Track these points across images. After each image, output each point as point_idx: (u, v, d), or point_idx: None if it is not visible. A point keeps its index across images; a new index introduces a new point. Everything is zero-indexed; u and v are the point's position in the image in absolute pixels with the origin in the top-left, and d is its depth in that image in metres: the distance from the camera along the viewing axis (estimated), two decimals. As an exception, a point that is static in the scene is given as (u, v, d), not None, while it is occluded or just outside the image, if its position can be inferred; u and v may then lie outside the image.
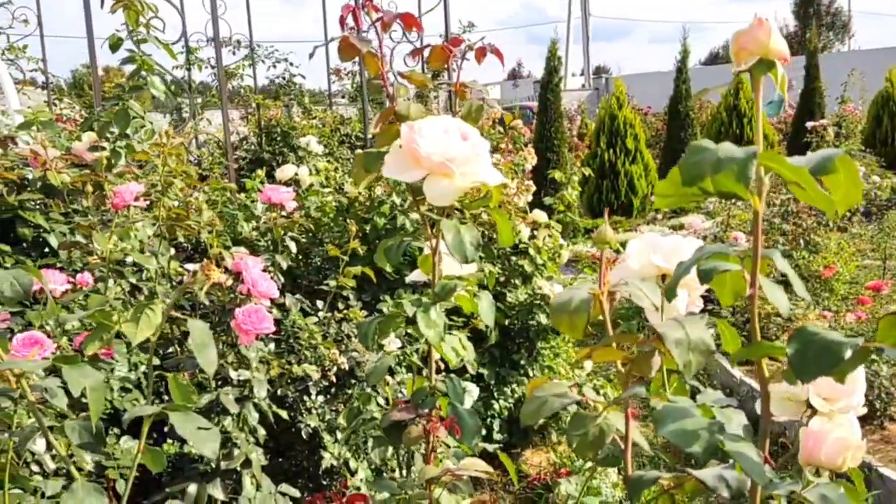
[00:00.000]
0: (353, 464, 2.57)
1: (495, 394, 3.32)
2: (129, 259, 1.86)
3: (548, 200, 3.86)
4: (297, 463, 2.80)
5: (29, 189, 2.38)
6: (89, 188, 1.92)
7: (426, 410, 1.04)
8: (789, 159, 0.60)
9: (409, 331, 2.32)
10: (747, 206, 0.81)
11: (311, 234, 3.11)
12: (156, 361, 1.96)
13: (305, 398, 2.59)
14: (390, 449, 1.26)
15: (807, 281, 4.57)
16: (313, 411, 2.62)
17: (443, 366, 2.88)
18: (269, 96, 7.09)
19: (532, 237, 3.53)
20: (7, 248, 2.28)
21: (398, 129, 1.04)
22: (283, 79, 6.96)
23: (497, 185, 1.09)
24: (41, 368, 0.76)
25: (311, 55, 6.29)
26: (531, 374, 3.39)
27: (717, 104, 11.08)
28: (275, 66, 6.72)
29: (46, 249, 2.39)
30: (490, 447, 1.17)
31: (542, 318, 3.27)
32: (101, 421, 0.82)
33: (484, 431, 3.33)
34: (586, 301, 0.81)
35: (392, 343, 2.48)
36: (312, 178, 3.18)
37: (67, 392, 1.78)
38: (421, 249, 1.23)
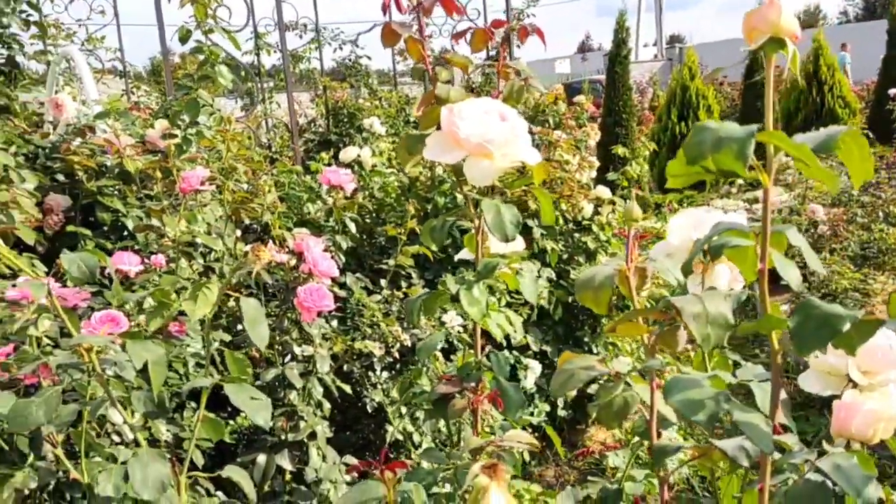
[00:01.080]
0: (416, 437, 2.63)
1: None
2: (199, 241, 1.95)
3: (611, 176, 3.83)
4: (363, 437, 2.89)
5: (107, 175, 2.51)
6: (158, 174, 2.02)
7: (472, 384, 1.07)
8: (797, 136, 0.61)
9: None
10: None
11: (374, 215, 3.17)
12: (227, 337, 2.06)
13: (370, 374, 2.66)
14: (442, 422, 1.30)
15: (885, 254, 4.40)
16: (378, 386, 2.69)
17: (504, 342, 2.92)
18: (337, 78, 7.19)
19: (596, 213, 3.51)
20: (88, 231, 2.42)
21: (438, 112, 1.07)
22: (350, 60, 7.04)
23: (538, 165, 1.11)
24: (109, 343, 0.83)
25: (368, 31, 6.33)
26: (594, 350, 3.39)
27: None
28: (341, 48, 6.79)
29: (125, 233, 2.52)
30: (534, 420, 1.19)
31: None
32: (166, 392, 0.88)
33: (548, 408, 3.36)
34: (610, 277, 0.83)
35: (453, 320, 2.52)
36: (375, 160, 3.24)
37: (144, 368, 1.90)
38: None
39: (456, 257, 1.42)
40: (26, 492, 1.32)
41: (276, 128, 6.07)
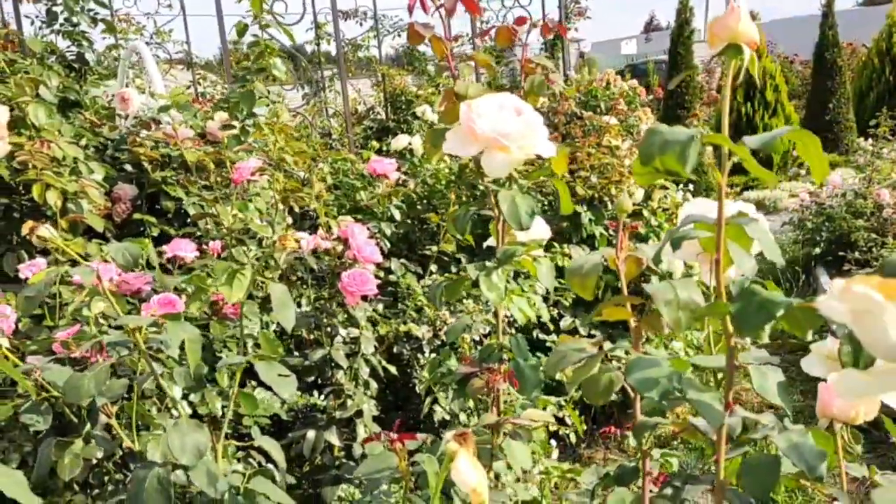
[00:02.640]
0: (462, 417, 2.71)
1: (607, 355, 3.36)
2: (252, 228, 2.06)
3: (664, 161, 3.80)
4: (414, 416, 2.99)
5: (170, 166, 2.66)
6: (211, 165, 2.13)
7: (491, 365, 1.13)
8: (745, 138, 0.64)
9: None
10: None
11: (425, 201, 3.25)
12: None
13: (419, 355, 2.75)
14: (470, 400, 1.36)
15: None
16: (427, 367, 2.78)
17: (552, 326, 2.96)
18: (397, 65, 7.27)
19: (648, 199, 3.51)
20: (153, 219, 2.57)
21: (460, 108, 1.13)
22: (408, 47, 7.12)
23: (559, 156, 1.16)
24: (151, 323, 0.93)
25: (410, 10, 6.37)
26: (644, 335, 3.39)
27: (869, 49, 10.23)
28: (399, 36, 6.87)
29: (188, 219, 2.66)
30: (553, 399, 1.23)
31: (655, 280, 3.26)
32: (202, 367, 0.98)
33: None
34: (597, 265, 0.88)
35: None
36: (425, 147, 3.31)
37: (206, 347, 2.02)
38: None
39: (485, 244, 1.48)
40: (94, 461, 1.45)
41: (336, 116, 6.20)
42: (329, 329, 2.00)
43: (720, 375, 0.92)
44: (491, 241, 1.40)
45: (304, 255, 1.84)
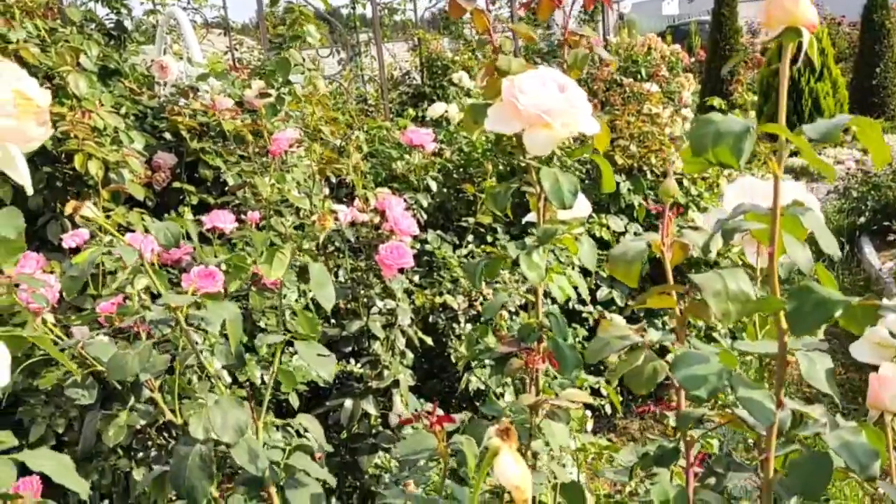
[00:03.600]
0: (497, 388, 2.72)
1: (646, 326, 3.33)
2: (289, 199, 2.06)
3: (706, 129, 3.71)
4: (449, 385, 3.01)
5: (209, 134, 2.67)
6: (250, 136, 2.13)
7: (530, 344, 1.13)
8: (807, 127, 0.61)
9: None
10: None
11: (461, 170, 3.23)
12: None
13: (455, 325, 2.76)
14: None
15: None
16: (462, 338, 2.79)
17: (588, 297, 2.94)
18: (431, 29, 7.18)
19: (688, 167, 3.44)
20: (192, 187, 2.59)
21: (501, 83, 1.10)
22: (445, 10, 7.01)
23: (601, 133, 1.13)
24: (192, 302, 0.93)
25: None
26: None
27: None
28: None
29: (226, 188, 2.68)
30: (593, 379, 1.21)
31: (695, 252, 3.20)
32: (242, 345, 0.98)
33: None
34: (641, 251, 0.86)
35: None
36: (462, 115, 3.28)
37: (245, 317, 2.05)
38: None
39: (524, 220, 1.46)
40: (137, 427, 1.49)
41: (371, 81, 6.16)
42: (366, 300, 2.01)
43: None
44: (530, 217, 1.38)
45: (342, 228, 1.84)
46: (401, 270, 1.97)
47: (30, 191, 0.68)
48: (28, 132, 0.67)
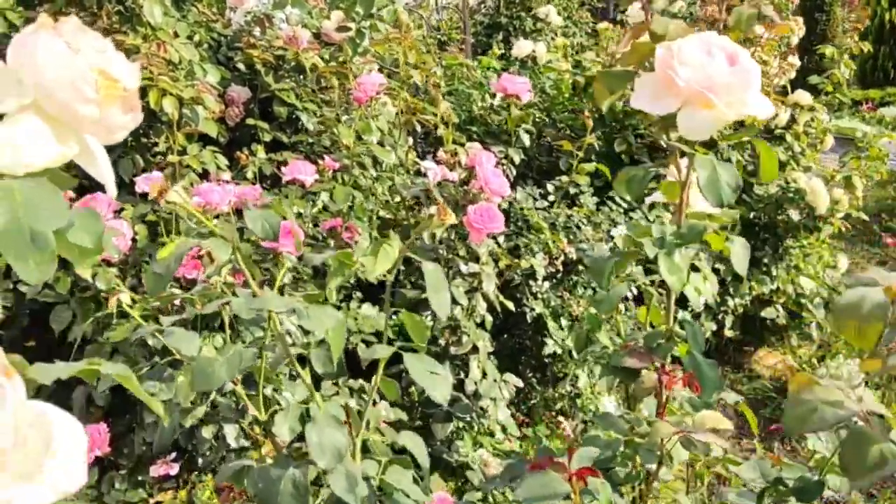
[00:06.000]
0: (575, 354, 2.59)
1: (731, 290, 3.14)
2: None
3: (814, 79, 3.41)
4: (521, 342, 2.88)
5: (284, 68, 2.52)
6: (335, 81, 1.97)
7: (661, 359, 0.97)
8: None
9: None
10: None
11: (545, 113, 3.02)
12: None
13: (531, 282, 2.61)
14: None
15: None
16: (539, 296, 2.64)
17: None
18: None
19: (792, 121, 3.16)
20: (265, 125, 2.46)
21: (650, 48, 0.92)
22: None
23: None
24: (292, 308, 0.81)
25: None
26: (773, 273, 3.15)
27: None
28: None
29: (300, 125, 2.55)
30: (731, 398, 1.07)
31: (794, 215, 2.97)
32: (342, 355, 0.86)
33: (715, 327, 3.20)
34: (882, 306, 0.65)
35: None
36: (550, 55, 3.05)
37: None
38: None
39: (647, 200, 1.29)
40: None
41: (447, 8, 5.89)
42: (449, 264, 1.87)
43: None
44: (656, 196, 1.21)
45: (431, 188, 1.68)
46: (488, 235, 1.82)
47: (112, 192, 0.54)
48: (112, 121, 0.53)
